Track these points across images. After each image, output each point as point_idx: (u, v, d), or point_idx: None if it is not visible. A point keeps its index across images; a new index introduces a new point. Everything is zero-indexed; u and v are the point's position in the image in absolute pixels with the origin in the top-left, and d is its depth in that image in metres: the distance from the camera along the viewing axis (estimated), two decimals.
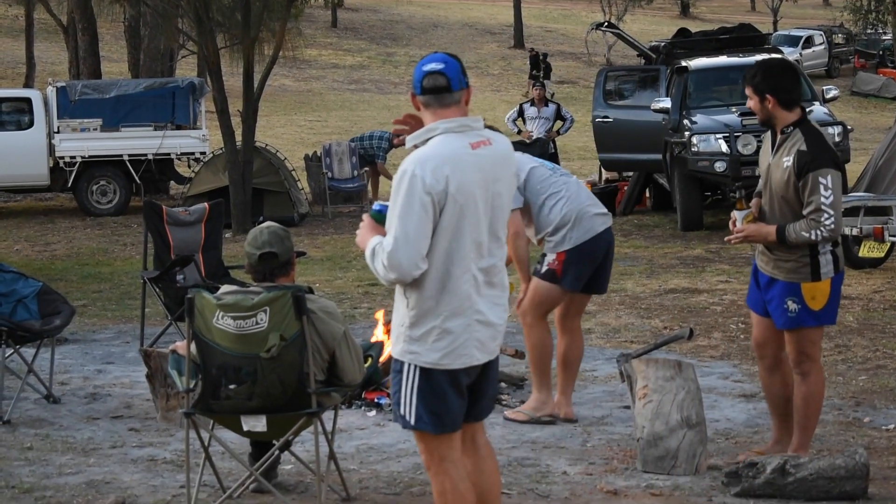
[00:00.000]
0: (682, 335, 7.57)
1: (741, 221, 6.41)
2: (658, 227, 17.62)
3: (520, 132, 21.12)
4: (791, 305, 6.29)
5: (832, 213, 6.11)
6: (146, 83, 22.02)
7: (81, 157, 20.74)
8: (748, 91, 6.39)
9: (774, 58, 8.06)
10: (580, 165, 25.86)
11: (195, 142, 21.37)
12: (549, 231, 7.41)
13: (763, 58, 7.98)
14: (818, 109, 16.44)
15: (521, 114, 21.27)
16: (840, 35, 51.34)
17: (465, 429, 4.83)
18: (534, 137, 20.61)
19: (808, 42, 48.46)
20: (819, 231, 6.13)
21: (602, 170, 21.08)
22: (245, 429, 5.96)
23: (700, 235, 16.42)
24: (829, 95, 17.46)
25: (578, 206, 7.42)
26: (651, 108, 17.54)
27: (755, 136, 15.48)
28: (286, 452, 6.33)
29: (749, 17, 52.67)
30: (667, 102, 17.39)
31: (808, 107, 16.10)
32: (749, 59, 16.20)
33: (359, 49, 50.09)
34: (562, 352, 7.65)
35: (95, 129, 21.04)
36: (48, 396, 8.28)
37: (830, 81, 41.84)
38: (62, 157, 20.76)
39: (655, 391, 6.49)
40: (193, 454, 6.15)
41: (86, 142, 20.88)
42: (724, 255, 14.58)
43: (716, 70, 17.99)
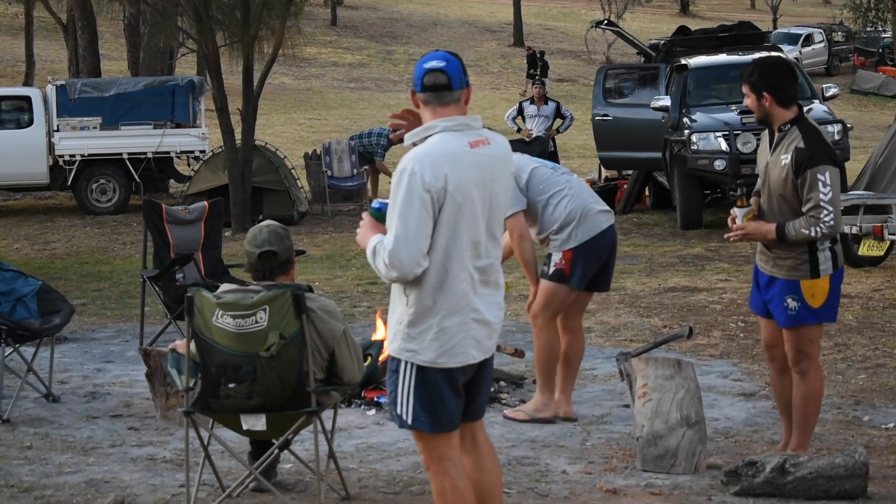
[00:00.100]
0: (682, 334, 7.58)
1: (741, 219, 6.40)
2: (658, 226, 17.61)
3: (519, 130, 21.12)
4: (791, 303, 6.29)
5: (831, 210, 6.11)
6: (146, 81, 22.01)
7: (81, 156, 20.73)
8: (745, 89, 6.39)
9: (771, 56, 8.06)
10: (580, 164, 25.85)
11: (195, 140, 21.37)
12: (555, 229, 7.39)
13: (760, 56, 7.97)
14: (818, 107, 16.43)
15: (521, 112, 21.27)
16: (840, 33, 51.33)
17: (465, 428, 4.83)
18: (533, 136, 20.61)
19: (808, 40, 48.43)
20: (819, 228, 6.13)
21: (602, 168, 21.08)
22: (244, 427, 5.96)
23: (700, 234, 16.42)
24: (829, 93, 17.45)
25: (583, 204, 7.41)
26: (651, 107, 17.53)
27: (755, 135, 15.48)
28: (286, 451, 6.33)
29: (749, 15, 52.70)
30: (666, 100, 17.38)
31: (808, 105, 16.13)
32: (749, 58, 16.14)
33: (358, 47, 50.07)
34: (562, 350, 7.64)
35: (95, 128, 21.03)
36: (48, 395, 8.27)
37: (830, 79, 41.89)
38: (62, 156, 20.75)
39: (655, 390, 6.49)
40: (193, 453, 6.15)
41: (85, 140, 20.88)
42: (724, 254, 14.57)
43: (715, 68, 17.98)
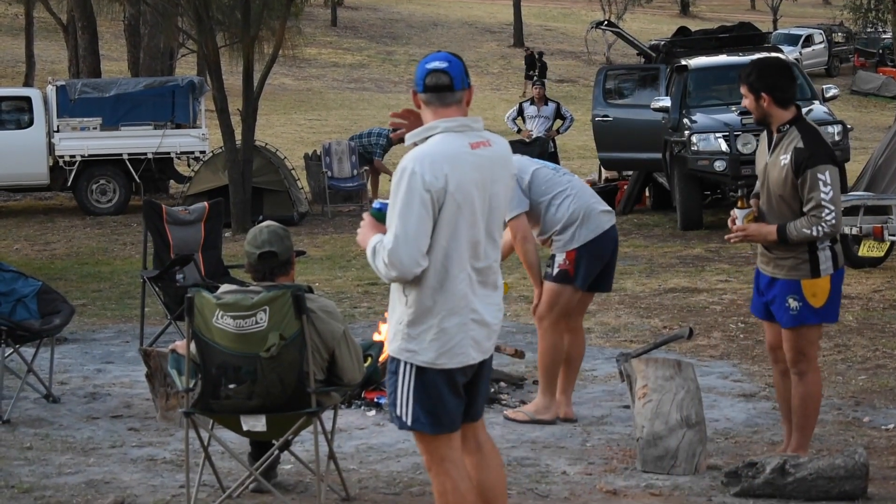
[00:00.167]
0: (682, 335, 7.57)
1: (742, 220, 6.40)
2: (658, 227, 17.61)
3: (519, 131, 21.12)
4: (792, 303, 6.29)
5: (833, 209, 6.12)
6: (146, 82, 22.00)
7: (81, 156, 20.72)
8: (743, 90, 6.40)
9: (769, 56, 8.05)
10: (580, 164, 25.85)
11: (195, 141, 21.36)
12: (558, 229, 7.38)
13: (758, 56, 7.97)
14: (818, 108, 16.43)
15: (521, 113, 21.27)
16: (840, 34, 51.33)
17: (466, 428, 4.83)
18: (533, 136, 20.61)
19: (808, 41, 48.45)
20: (820, 227, 6.13)
21: (602, 169, 21.07)
22: (245, 428, 5.96)
23: (700, 235, 16.42)
24: (829, 94, 17.45)
25: (585, 204, 7.41)
26: (651, 107, 17.53)
27: (755, 135, 15.47)
28: (286, 452, 6.33)
29: (749, 16, 52.67)
30: (666, 101, 17.37)
31: (808, 106, 16.13)
32: (749, 59, 16.17)
33: (358, 48, 50.08)
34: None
35: (95, 128, 21.02)
36: (48, 396, 8.27)
37: (830, 80, 41.88)
38: (62, 156, 20.75)
39: (655, 391, 6.49)
40: (193, 454, 6.15)
41: (85, 141, 20.87)
42: (724, 255, 14.57)
43: (715, 69, 17.98)
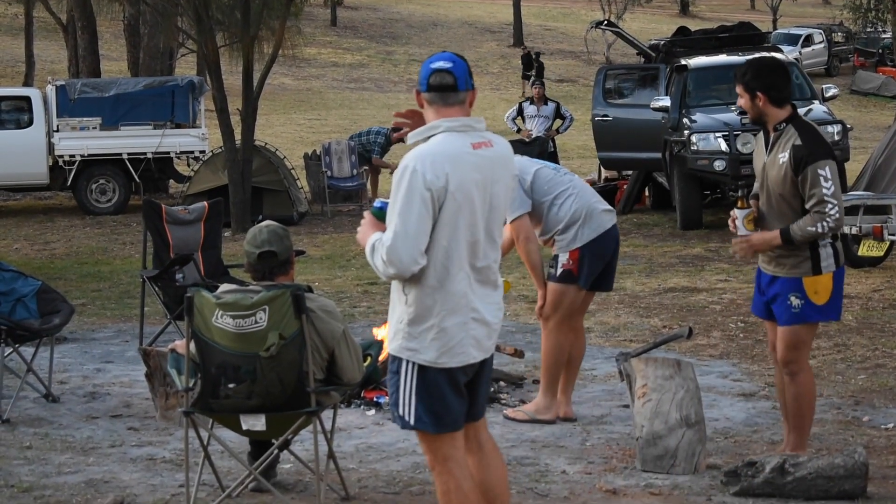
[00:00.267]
0: (682, 334, 7.57)
1: (742, 220, 6.41)
2: (657, 226, 17.61)
3: (519, 131, 21.13)
4: (794, 301, 6.28)
5: (835, 204, 6.12)
6: (145, 82, 22.00)
7: (81, 156, 20.73)
8: (739, 89, 6.41)
9: (764, 56, 8.07)
10: (580, 164, 25.85)
11: (194, 140, 21.36)
12: (560, 229, 7.38)
13: (753, 56, 7.98)
14: (817, 108, 16.43)
15: (521, 112, 21.27)
16: (839, 33, 51.33)
17: (468, 428, 4.83)
18: (533, 136, 20.61)
19: (808, 40, 48.45)
20: (824, 223, 6.12)
21: (601, 168, 21.07)
22: (244, 428, 5.96)
23: (699, 234, 16.42)
24: (829, 94, 17.45)
25: (587, 203, 7.42)
26: (650, 107, 17.53)
27: (754, 135, 15.43)
28: (285, 451, 6.33)
29: (749, 16, 52.69)
30: (666, 101, 17.38)
31: (808, 105, 16.14)
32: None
33: (358, 48, 50.08)
34: None
35: (95, 128, 21.03)
36: (47, 395, 8.27)
37: (830, 80, 41.88)
38: (61, 156, 20.75)
39: (654, 390, 6.49)
40: (193, 453, 6.15)
41: (85, 140, 20.87)
42: (724, 254, 14.57)
43: (715, 69, 17.96)
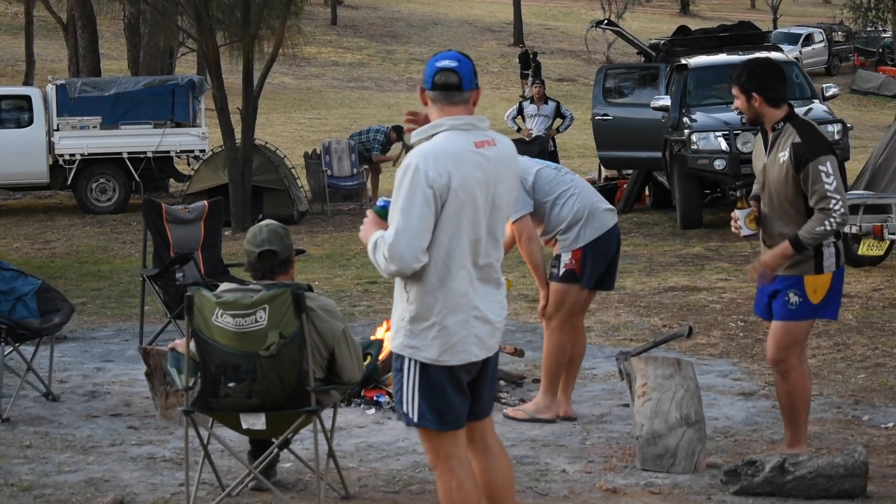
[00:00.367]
0: (682, 333, 7.57)
1: (743, 221, 6.43)
2: (657, 225, 17.61)
3: (519, 130, 21.13)
4: (792, 298, 6.29)
5: (839, 198, 6.13)
6: (146, 81, 22.01)
7: (81, 155, 20.74)
8: (735, 91, 6.43)
9: (759, 57, 8.10)
10: (580, 163, 25.84)
11: (195, 139, 21.37)
12: (562, 229, 7.38)
13: (749, 57, 7.99)
14: (818, 107, 16.44)
15: (521, 111, 21.28)
16: (840, 33, 51.32)
17: (474, 428, 4.83)
18: (533, 135, 20.62)
19: (808, 40, 48.43)
20: (832, 219, 6.12)
21: (602, 168, 21.08)
22: (244, 427, 5.96)
23: (699, 233, 16.42)
24: (829, 93, 17.46)
25: (589, 203, 7.41)
26: (651, 106, 17.53)
27: (755, 134, 15.45)
28: (285, 450, 6.33)
29: (749, 15, 52.67)
30: (666, 100, 17.38)
31: (808, 105, 16.14)
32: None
33: (358, 47, 50.07)
34: None
35: (95, 127, 21.04)
36: (47, 394, 8.27)
37: (830, 79, 41.87)
38: (62, 155, 20.76)
39: (654, 389, 6.49)
40: (192, 452, 6.15)
41: (85, 139, 20.88)
42: (724, 253, 14.57)
43: (715, 68, 17.94)
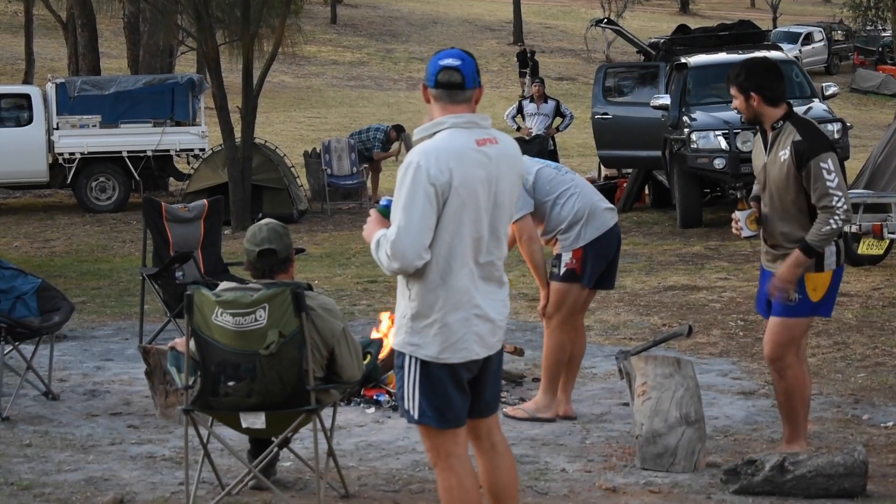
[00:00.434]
0: (681, 332, 7.57)
1: (744, 222, 6.43)
2: (657, 224, 17.61)
3: (519, 129, 21.13)
4: (792, 295, 6.29)
5: (841, 195, 6.15)
6: (145, 79, 22.00)
7: (80, 154, 20.74)
8: (733, 91, 6.45)
9: (757, 56, 8.12)
10: (579, 162, 25.84)
11: (194, 138, 21.37)
12: (563, 228, 7.37)
13: (746, 57, 8.01)
14: (817, 106, 16.44)
15: (521, 110, 21.28)
16: (839, 32, 51.29)
17: (480, 426, 4.84)
18: (533, 134, 20.62)
19: (808, 39, 48.40)
20: (836, 217, 6.13)
21: (601, 166, 21.08)
22: (244, 426, 5.96)
23: (699, 232, 16.42)
24: (829, 92, 17.46)
25: (590, 202, 7.41)
26: (650, 105, 17.53)
27: (754, 133, 15.44)
28: (285, 449, 6.33)
29: (749, 14, 52.67)
30: (666, 99, 17.38)
31: (808, 104, 16.14)
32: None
33: (358, 45, 50.04)
34: None
35: (94, 126, 21.04)
36: (47, 393, 8.27)
37: (830, 78, 41.90)
38: (61, 154, 20.76)
39: (654, 388, 6.49)
40: (192, 451, 6.15)
41: (85, 138, 20.88)
42: (724, 253, 14.57)
43: (715, 67, 17.93)
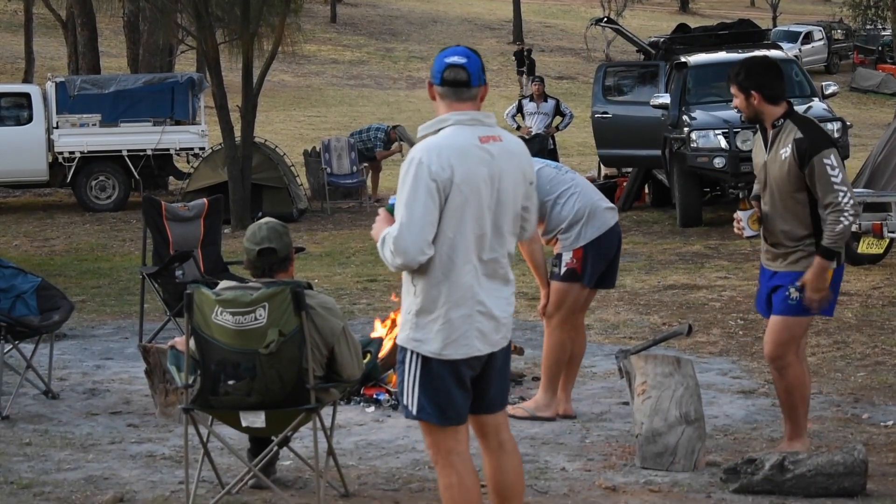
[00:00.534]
0: (681, 331, 7.57)
1: (746, 221, 6.44)
2: (657, 224, 17.62)
3: (519, 128, 21.12)
4: (793, 293, 6.30)
5: (846, 190, 6.17)
6: (145, 78, 22.00)
7: (80, 153, 20.74)
8: (733, 89, 6.46)
9: (757, 55, 8.13)
10: (579, 161, 25.84)
11: (194, 137, 21.37)
12: (563, 228, 7.37)
13: (746, 55, 8.01)
14: (817, 105, 16.45)
15: (520, 109, 21.27)
16: (839, 31, 51.29)
17: (487, 424, 4.83)
18: (533, 133, 20.62)
19: (808, 38, 48.39)
20: (844, 214, 6.13)
21: (601, 165, 21.09)
22: (244, 425, 5.96)
23: (699, 231, 16.43)
24: (829, 91, 17.47)
25: (590, 202, 7.41)
26: (650, 104, 17.53)
27: (754, 132, 15.44)
28: (285, 448, 6.33)
29: (748, 13, 52.63)
30: (666, 98, 17.38)
31: (808, 103, 16.14)
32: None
33: (358, 44, 50.03)
34: None
35: (94, 125, 21.04)
36: (47, 392, 8.27)
37: (829, 77, 41.91)
38: (61, 153, 20.76)
39: (654, 387, 6.49)
40: (192, 450, 6.15)
41: (85, 137, 20.88)
42: (724, 252, 14.58)
43: (715, 66, 17.94)
